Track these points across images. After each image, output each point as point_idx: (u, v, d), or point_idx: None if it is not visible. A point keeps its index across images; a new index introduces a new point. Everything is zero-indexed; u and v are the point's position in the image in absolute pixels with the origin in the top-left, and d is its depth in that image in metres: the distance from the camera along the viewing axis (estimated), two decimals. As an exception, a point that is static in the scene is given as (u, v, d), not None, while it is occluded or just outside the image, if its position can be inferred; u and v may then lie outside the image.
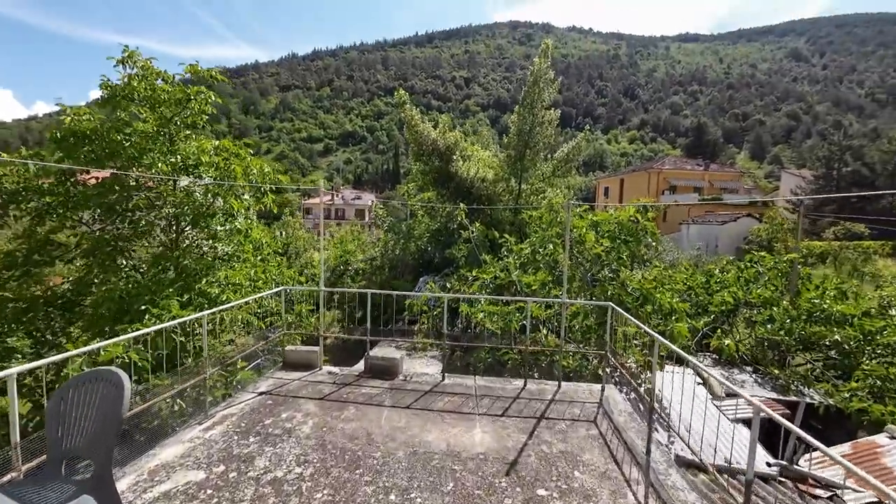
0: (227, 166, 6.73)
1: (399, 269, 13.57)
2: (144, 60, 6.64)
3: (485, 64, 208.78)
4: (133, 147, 6.37)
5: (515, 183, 15.81)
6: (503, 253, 9.44)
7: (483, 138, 18.36)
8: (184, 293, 6.02)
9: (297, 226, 16.75)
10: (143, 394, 4.35)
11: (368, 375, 4.77)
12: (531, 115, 14.93)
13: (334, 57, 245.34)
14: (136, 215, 6.61)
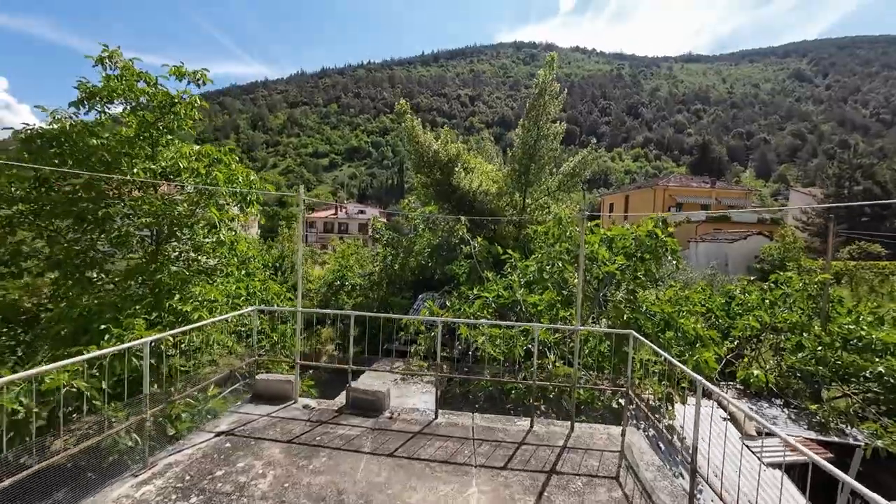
0: (209, 173, 6.22)
1: (397, 285, 12.96)
2: (126, 61, 6.20)
3: (489, 82, 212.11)
4: (108, 151, 5.89)
5: (520, 197, 15.29)
6: (506, 270, 8.82)
7: (486, 152, 17.94)
8: (153, 311, 5.42)
9: (293, 239, 16.20)
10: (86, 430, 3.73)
11: (350, 411, 4.10)
12: (536, 127, 14.49)
13: (342, 75, 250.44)
14: (109, 226, 6.07)
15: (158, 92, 6.57)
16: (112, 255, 6.59)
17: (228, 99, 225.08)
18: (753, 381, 6.24)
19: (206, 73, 6.90)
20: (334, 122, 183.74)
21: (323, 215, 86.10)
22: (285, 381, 4.25)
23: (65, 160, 5.67)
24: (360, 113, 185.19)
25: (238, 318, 4.96)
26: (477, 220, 12.96)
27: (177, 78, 6.71)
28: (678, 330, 5.21)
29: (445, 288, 11.38)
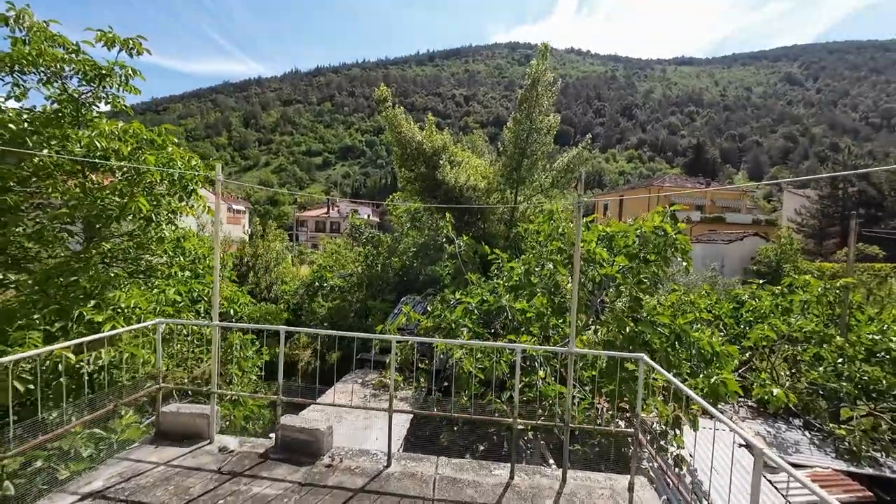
0: (136, 156, 5.24)
1: (378, 287, 12.03)
2: (37, 22, 5.21)
3: (484, 82, 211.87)
4: (7, 130, 4.89)
5: (511, 194, 14.41)
6: (493, 272, 7.93)
7: (478, 147, 17.06)
8: (57, 320, 4.44)
9: (272, 237, 15.24)
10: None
11: (277, 456, 3.18)
12: (528, 120, 13.62)
13: (336, 73, 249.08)
14: (16, 219, 5.08)
15: (83, 61, 5.59)
16: (36, 253, 5.62)
17: (221, 97, 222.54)
18: (773, 401, 5.41)
19: (142, 42, 5.94)
20: (328, 121, 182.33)
21: (314, 214, 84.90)
22: (198, 414, 3.32)
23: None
24: (355, 112, 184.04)
25: (139, 332, 3.93)
26: (461, 213, 12.09)
27: (106, 46, 5.73)
28: (692, 346, 4.36)
29: (428, 291, 10.47)
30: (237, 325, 3.51)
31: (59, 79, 5.53)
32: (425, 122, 12.03)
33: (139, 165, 4.74)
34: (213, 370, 3.33)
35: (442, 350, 5.75)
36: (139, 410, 3.85)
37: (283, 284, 13.19)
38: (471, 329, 6.27)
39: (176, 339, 5.23)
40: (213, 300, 3.27)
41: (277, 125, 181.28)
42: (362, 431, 5.43)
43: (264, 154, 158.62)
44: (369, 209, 79.32)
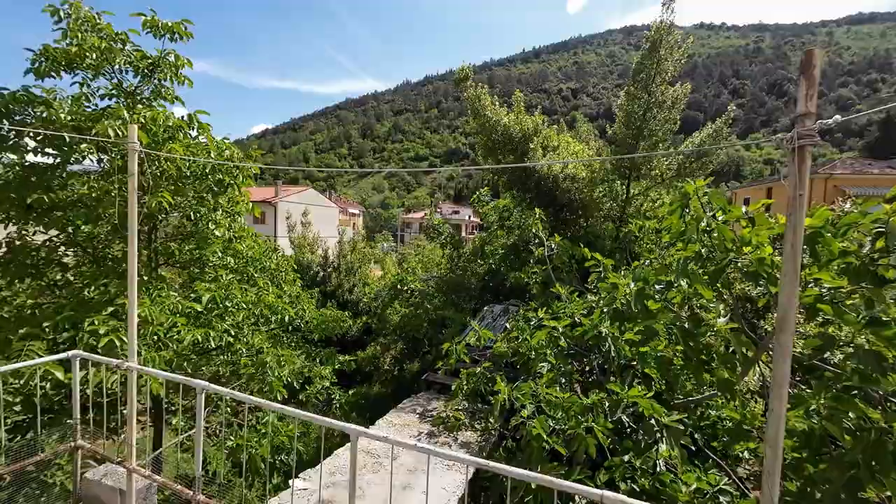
0: (165, 147, 4.71)
1: (460, 293, 10.73)
2: (86, 10, 5.03)
3: (595, 73, 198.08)
4: (74, 117, 4.69)
5: (621, 185, 11.84)
6: (592, 282, 5.93)
7: (581, 134, 14.63)
8: (67, 330, 4.00)
9: (359, 237, 15.12)
10: None
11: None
12: (646, 93, 10.90)
13: (443, 80, 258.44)
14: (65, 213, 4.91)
15: (133, 52, 5.32)
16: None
17: (343, 112, 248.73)
18: None
19: (187, 27, 5.49)
20: (434, 126, 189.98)
21: (419, 216, 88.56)
22: (111, 490, 2.33)
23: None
24: (460, 115, 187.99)
25: (24, 376, 3.01)
26: (557, 209, 10.08)
27: (153, 34, 5.40)
28: None
29: (511, 302, 8.76)
30: (151, 371, 2.47)
31: (112, 73, 5.34)
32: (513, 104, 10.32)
33: (154, 152, 4.10)
34: (129, 429, 2.34)
35: (505, 397, 4.09)
36: (44, 484, 3.10)
37: (365, 286, 12.77)
38: (553, 366, 4.47)
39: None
40: (130, 328, 2.26)
41: (389, 134, 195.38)
42: (401, 493, 4.10)
43: (378, 161, 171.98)
44: (470, 210, 79.49)
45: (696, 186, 2.90)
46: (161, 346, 4.43)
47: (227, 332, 5.11)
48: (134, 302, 2.41)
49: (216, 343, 4.82)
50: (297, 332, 7.74)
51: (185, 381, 2.16)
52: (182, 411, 4.98)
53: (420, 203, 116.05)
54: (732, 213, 2.80)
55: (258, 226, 27.02)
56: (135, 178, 2.54)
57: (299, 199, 34.45)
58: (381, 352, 12.76)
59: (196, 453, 2.14)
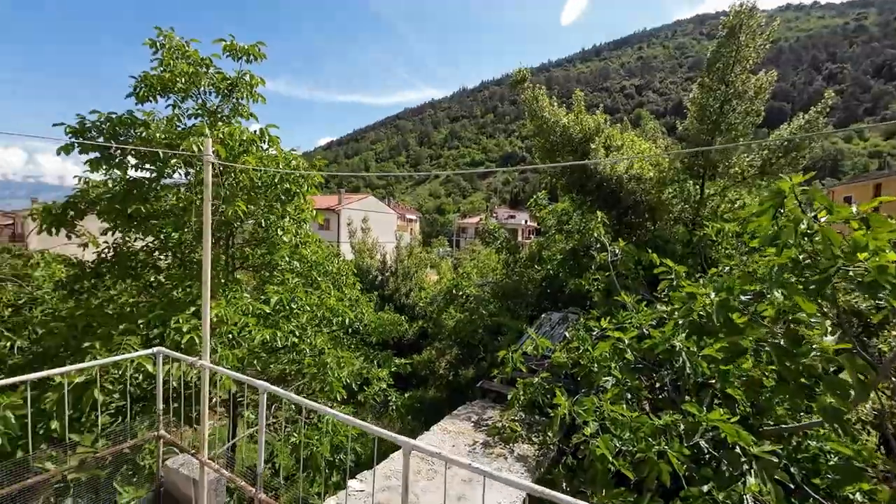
0: (239, 160, 5.10)
1: (517, 299, 10.48)
2: (178, 40, 5.62)
3: (661, 68, 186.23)
4: (167, 136, 5.26)
5: (694, 186, 10.93)
6: (662, 290, 5.48)
7: (647, 132, 13.72)
8: (158, 327, 4.45)
9: (416, 243, 15.41)
10: None
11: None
12: (723, 84, 9.99)
13: (499, 85, 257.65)
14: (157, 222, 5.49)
15: (215, 74, 5.86)
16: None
17: (401, 121, 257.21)
18: None
19: (261, 48, 5.93)
20: (490, 132, 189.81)
21: (474, 221, 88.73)
22: (186, 479, 2.51)
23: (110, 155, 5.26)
24: (516, 119, 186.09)
25: (128, 364, 3.29)
26: (621, 212, 9.49)
27: (232, 57, 5.90)
28: None
29: (570, 310, 8.35)
30: (223, 370, 2.61)
31: (198, 94, 5.91)
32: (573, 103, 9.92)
33: (229, 164, 4.45)
34: (201, 424, 2.50)
35: (564, 412, 3.85)
36: (136, 467, 3.37)
37: (421, 291, 12.95)
38: (619, 380, 4.16)
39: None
40: (203, 328, 2.43)
41: (446, 141, 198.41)
42: (469, 484, 4.02)
43: (434, 168, 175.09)
44: (527, 214, 78.11)
45: (793, 183, 2.52)
46: (235, 344, 4.78)
47: (293, 332, 5.39)
48: (207, 304, 2.61)
49: (283, 343, 5.09)
50: (356, 335, 8.00)
51: (249, 382, 2.28)
52: (253, 406, 5.33)
53: (475, 208, 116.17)
54: (839, 213, 2.40)
55: (323, 232, 28.64)
56: (209, 188, 2.75)
57: (360, 206, 36.03)
58: (437, 356, 12.83)
59: (258, 451, 2.24)
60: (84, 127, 4.92)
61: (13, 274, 6.79)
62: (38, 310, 6.22)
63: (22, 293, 6.48)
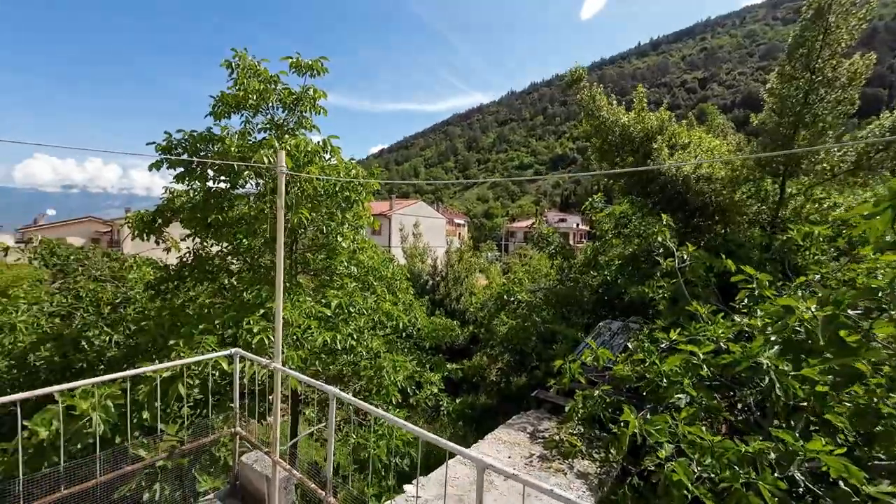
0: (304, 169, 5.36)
1: (571, 306, 10.07)
2: (250, 61, 6.05)
3: (729, 58, 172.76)
4: (240, 149, 5.68)
5: (773, 185, 10.00)
6: (741, 301, 5.00)
7: (715, 128, 12.73)
8: (231, 327, 4.77)
9: (466, 248, 15.37)
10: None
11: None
12: (808, 71, 9.04)
13: (549, 86, 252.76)
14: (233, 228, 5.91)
15: (285, 91, 6.23)
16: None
17: (450, 127, 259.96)
18: None
19: (323, 63, 6.22)
20: (540, 134, 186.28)
21: (523, 225, 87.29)
22: (259, 475, 2.61)
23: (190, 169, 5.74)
24: (567, 120, 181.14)
25: (202, 365, 3.49)
26: (687, 215, 8.85)
27: (297, 73, 6.24)
28: None
29: (632, 319, 7.87)
30: (294, 374, 2.69)
31: (267, 109, 6.31)
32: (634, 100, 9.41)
33: (296, 173, 4.69)
34: (273, 424, 2.61)
35: (633, 429, 3.58)
36: (212, 458, 3.58)
37: (472, 296, 12.88)
38: (694, 399, 3.83)
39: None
40: (276, 332, 2.53)
41: (494, 144, 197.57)
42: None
43: (482, 172, 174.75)
44: (578, 218, 75.52)
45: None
46: (298, 345, 5.00)
47: (351, 335, 5.55)
48: (279, 310, 2.74)
49: (342, 345, 5.26)
50: (409, 339, 8.09)
51: (319, 387, 2.36)
52: (312, 403, 5.55)
53: (524, 212, 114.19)
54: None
55: (374, 237, 29.53)
56: (282, 197, 2.89)
57: (410, 211, 36.77)
58: (488, 363, 12.69)
59: (328, 457, 2.30)
60: (171, 144, 5.43)
61: (112, 276, 7.63)
62: (130, 308, 6.93)
63: (118, 293, 7.24)
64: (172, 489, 3.39)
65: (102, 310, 6.73)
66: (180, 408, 4.15)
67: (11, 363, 5.50)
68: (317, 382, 2.43)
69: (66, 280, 7.97)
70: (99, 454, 2.44)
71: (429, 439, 1.75)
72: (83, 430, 3.12)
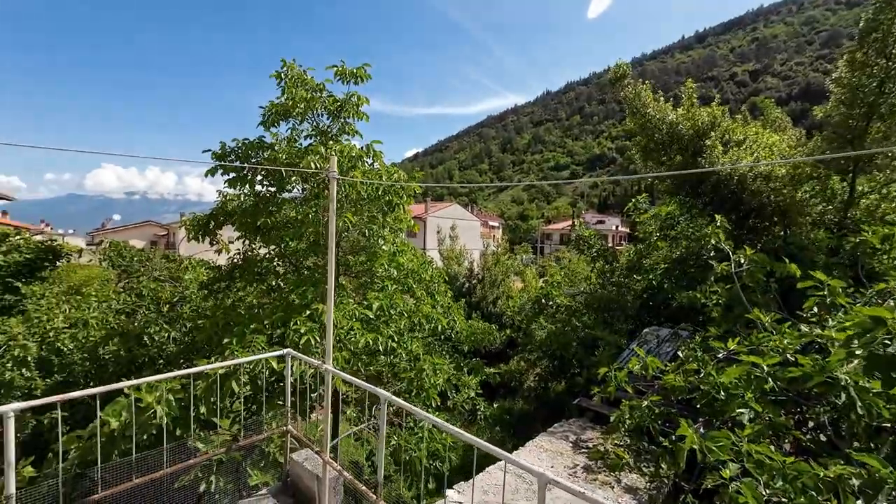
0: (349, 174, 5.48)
1: (613, 311, 9.69)
2: (298, 71, 6.27)
3: (784, 48, 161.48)
4: (287, 156, 5.92)
5: (841, 183, 9.26)
6: (809, 310, 4.62)
7: (771, 122, 11.87)
8: (279, 327, 4.94)
9: (503, 251, 15.21)
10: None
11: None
12: (883, 58, 8.30)
13: (586, 85, 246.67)
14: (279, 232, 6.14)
15: (329, 99, 6.42)
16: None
17: (484, 129, 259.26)
18: None
19: (367, 69, 6.35)
20: (576, 134, 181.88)
21: (559, 227, 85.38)
22: (310, 474, 2.66)
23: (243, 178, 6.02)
24: (605, 119, 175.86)
25: (254, 364, 3.57)
26: (742, 216, 8.32)
27: (341, 80, 6.41)
28: None
29: (681, 326, 7.44)
30: (347, 376, 2.70)
31: (312, 117, 6.52)
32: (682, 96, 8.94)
33: (354, 179, 4.81)
34: (324, 424, 2.65)
35: (692, 445, 3.35)
36: (262, 453, 3.67)
37: (509, 299, 12.70)
38: (759, 414, 3.55)
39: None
40: (327, 335, 2.58)
41: (529, 146, 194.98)
42: None
43: (517, 174, 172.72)
44: (617, 219, 73.03)
45: None
46: (342, 346, 5.11)
47: (391, 337, 5.61)
48: (331, 311, 2.80)
49: (383, 347, 5.32)
50: (447, 342, 8.08)
51: (372, 390, 2.38)
52: (352, 403, 5.65)
53: (560, 214, 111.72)
54: None
55: (410, 239, 29.85)
56: (334, 201, 2.96)
57: (445, 213, 36.94)
58: (526, 368, 12.46)
59: (378, 461, 2.32)
60: (225, 152, 5.72)
61: (170, 276, 8.15)
62: (186, 307, 7.36)
63: (175, 292, 7.70)
64: (226, 482, 3.54)
65: (162, 308, 7.18)
66: (231, 403, 4.34)
67: (85, 356, 5.98)
68: (369, 385, 2.46)
69: (129, 280, 8.59)
70: (166, 445, 2.60)
71: (486, 450, 1.71)
72: (148, 421, 3.31)
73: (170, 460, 2.57)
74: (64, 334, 6.14)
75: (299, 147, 6.34)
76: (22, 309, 8.03)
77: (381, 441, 2.29)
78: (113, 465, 2.47)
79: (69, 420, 4.81)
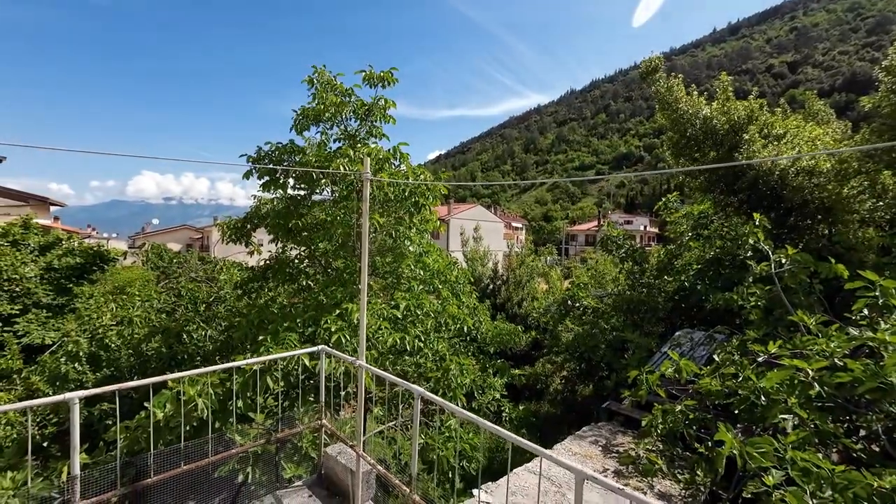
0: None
1: (643, 313, 9.42)
2: (328, 76, 6.44)
3: (826, 37, 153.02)
4: (317, 159, 6.10)
5: (892, 178, 8.71)
6: (859, 313, 4.36)
7: (813, 115, 11.26)
8: (310, 326, 5.08)
9: (527, 252, 15.05)
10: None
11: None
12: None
13: (612, 82, 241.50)
14: (309, 234, 6.32)
15: (358, 102, 6.55)
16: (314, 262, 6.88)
17: (507, 130, 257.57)
18: None
19: (394, 73, 6.44)
20: (602, 132, 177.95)
21: (584, 228, 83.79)
22: (343, 468, 2.71)
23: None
24: (632, 116, 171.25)
25: (288, 360, 3.66)
26: (783, 214, 7.95)
27: (369, 84, 6.53)
28: None
29: (717, 329, 7.15)
30: (379, 372, 2.73)
31: (342, 121, 6.68)
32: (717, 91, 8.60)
33: (386, 180, 4.90)
34: (357, 420, 2.70)
35: (730, 450, 3.21)
36: (295, 446, 3.75)
37: (534, 301, 12.56)
38: (805, 420, 3.39)
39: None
40: (360, 332, 2.63)
41: (553, 146, 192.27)
42: None
43: (540, 174, 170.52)
44: (646, 219, 71.04)
45: None
46: (370, 345, 5.20)
47: (418, 337, 5.66)
48: (364, 309, 2.86)
49: (410, 346, 5.37)
50: (473, 343, 8.08)
51: (406, 387, 2.41)
52: (380, 401, 5.73)
53: (585, 214, 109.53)
54: None
55: (432, 241, 29.97)
56: (367, 202, 3.03)
57: (468, 215, 36.93)
58: (552, 370, 12.28)
59: (412, 456, 2.36)
60: (260, 156, 5.94)
61: (206, 277, 8.50)
62: (222, 307, 7.66)
63: (211, 292, 8.02)
64: (261, 473, 3.66)
65: (199, 307, 7.49)
66: (265, 398, 4.48)
67: (130, 352, 6.33)
68: (403, 381, 2.50)
69: (168, 280, 9.01)
70: (210, 435, 2.72)
71: (524, 446, 1.71)
72: (190, 413, 3.47)
73: (213, 450, 2.69)
74: (111, 331, 6.52)
75: (329, 150, 6.51)
76: (73, 308, 8.55)
77: (414, 435, 2.32)
78: (162, 453, 2.62)
79: (114, 412, 5.09)
